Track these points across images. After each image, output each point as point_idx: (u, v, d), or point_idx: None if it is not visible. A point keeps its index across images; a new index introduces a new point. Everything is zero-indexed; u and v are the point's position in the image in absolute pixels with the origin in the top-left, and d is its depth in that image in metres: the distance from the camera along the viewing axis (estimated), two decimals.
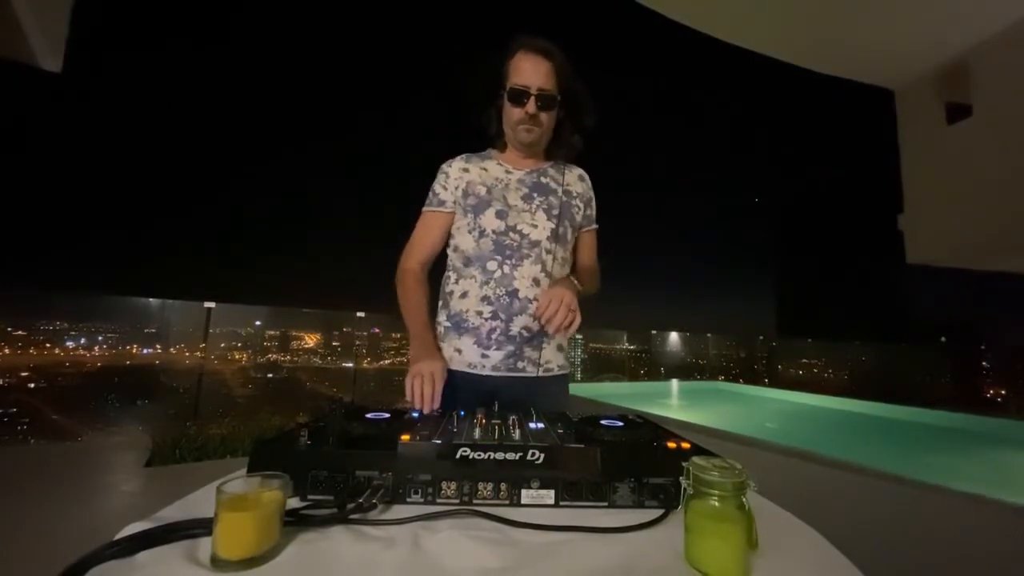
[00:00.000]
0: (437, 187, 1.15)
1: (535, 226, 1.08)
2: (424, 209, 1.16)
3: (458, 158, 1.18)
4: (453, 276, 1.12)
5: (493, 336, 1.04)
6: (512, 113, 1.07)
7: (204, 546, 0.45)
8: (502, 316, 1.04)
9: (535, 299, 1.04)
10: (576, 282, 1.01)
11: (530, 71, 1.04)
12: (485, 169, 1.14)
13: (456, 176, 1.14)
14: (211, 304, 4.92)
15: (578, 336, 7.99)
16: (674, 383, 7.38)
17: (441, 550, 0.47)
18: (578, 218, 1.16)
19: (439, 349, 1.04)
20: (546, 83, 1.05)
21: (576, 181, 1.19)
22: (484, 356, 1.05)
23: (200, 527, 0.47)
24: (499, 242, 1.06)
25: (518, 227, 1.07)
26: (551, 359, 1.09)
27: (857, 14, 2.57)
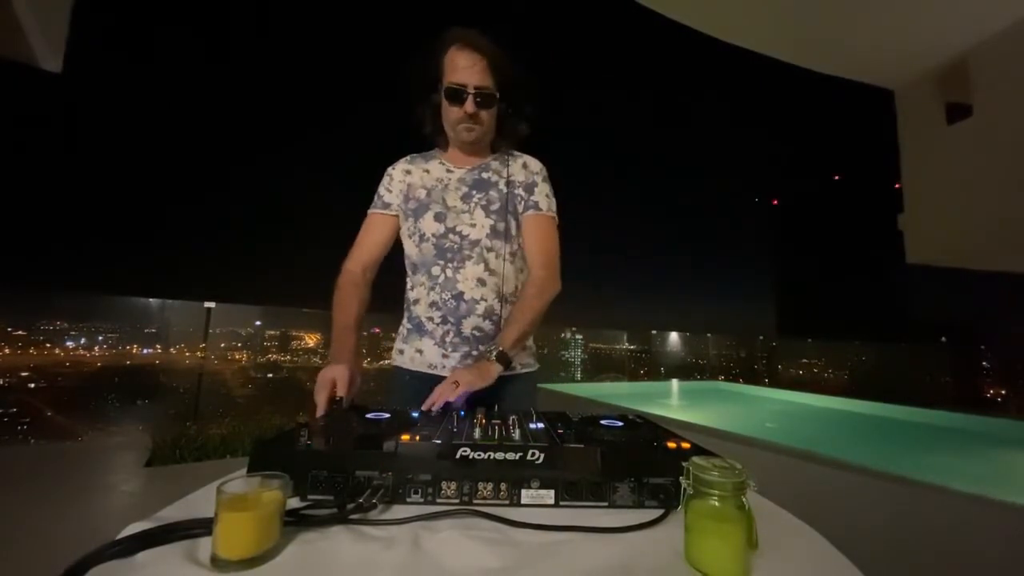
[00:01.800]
0: (382, 189, 1.15)
1: (473, 225, 1.07)
2: (369, 211, 1.15)
3: (402, 160, 1.17)
4: (408, 282, 1.13)
5: (448, 339, 1.05)
6: (450, 112, 1.05)
7: (204, 546, 0.45)
8: (451, 320, 1.04)
9: (482, 299, 1.05)
10: (500, 347, 0.96)
11: (466, 68, 1.02)
12: (427, 171, 1.14)
13: (399, 179, 1.14)
14: (211, 304, 4.91)
15: (578, 336, 7.99)
16: (674, 383, 7.38)
17: (441, 550, 0.47)
18: (520, 208, 1.12)
19: (351, 353, 0.97)
20: (483, 80, 1.02)
21: (520, 169, 1.14)
22: (444, 357, 1.06)
23: (200, 527, 0.47)
24: (440, 245, 1.06)
25: (457, 228, 1.07)
26: (514, 359, 1.04)
27: (857, 14, 2.57)
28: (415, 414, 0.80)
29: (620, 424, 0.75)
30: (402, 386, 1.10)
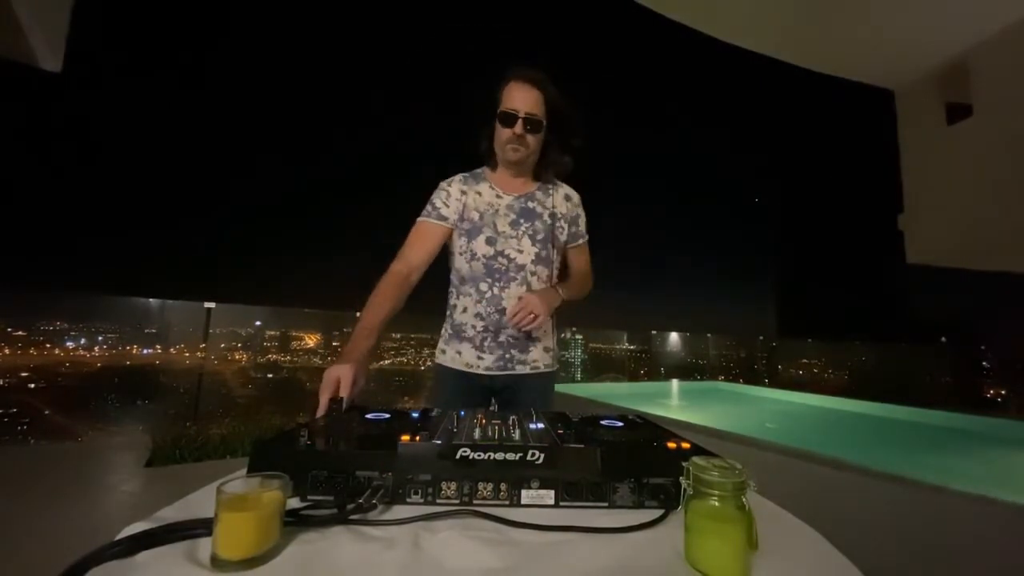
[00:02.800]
0: (437, 201, 1.23)
1: (521, 251, 1.20)
2: (420, 219, 1.22)
3: (456, 178, 1.26)
4: (454, 292, 1.27)
5: (485, 344, 1.20)
6: (502, 133, 1.18)
7: (204, 546, 0.45)
8: (492, 329, 1.19)
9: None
10: (560, 290, 1.19)
11: (519, 98, 1.16)
12: (479, 193, 1.24)
13: (456, 196, 1.24)
14: (211, 304, 4.91)
15: (578, 336, 7.99)
16: (674, 383, 7.37)
17: (441, 550, 0.47)
18: (562, 238, 1.28)
19: (361, 354, 0.96)
20: (534, 108, 1.16)
21: (562, 202, 1.28)
22: (479, 358, 1.20)
23: (200, 527, 0.47)
24: (489, 265, 1.19)
25: (506, 252, 1.20)
26: (538, 359, 1.24)
27: (857, 14, 2.57)
28: (415, 414, 0.81)
29: (620, 424, 0.75)
30: (443, 380, 1.24)
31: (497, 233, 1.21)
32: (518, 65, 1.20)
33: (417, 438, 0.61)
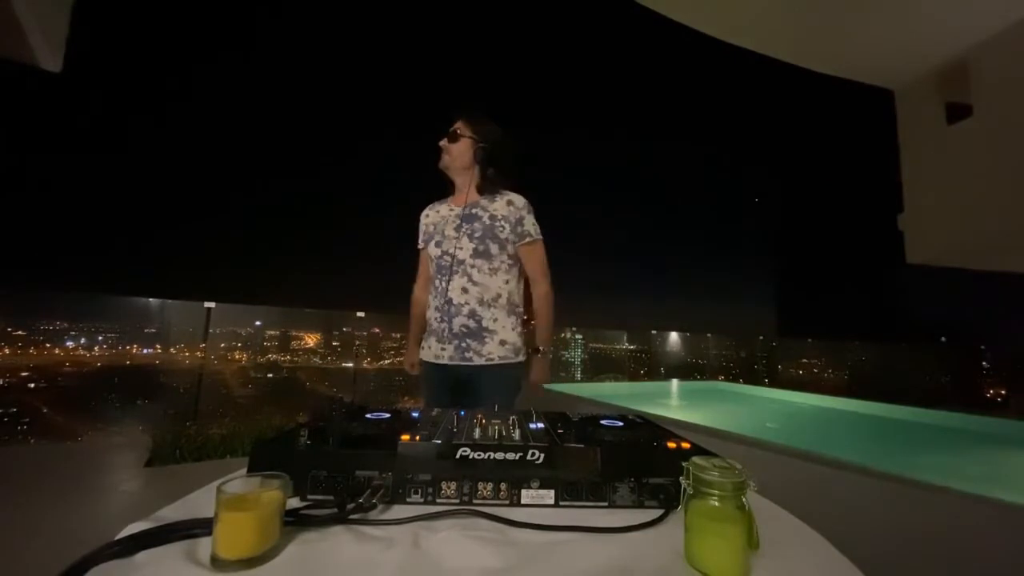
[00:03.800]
0: (420, 231, 1.60)
1: (461, 248, 1.43)
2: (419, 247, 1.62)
3: (429, 206, 1.60)
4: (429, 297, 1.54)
5: (444, 334, 1.41)
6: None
7: (204, 546, 0.45)
8: (445, 319, 1.41)
9: (465, 303, 1.39)
10: (540, 348, 1.47)
11: (454, 123, 1.49)
12: (438, 211, 1.55)
13: (423, 220, 1.60)
14: (211, 304, 4.91)
15: (578, 336, 7.98)
16: (674, 383, 7.37)
17: (441, 550, 0.47)
18: (502, 235, 1.44)
19: (414, 352, 1.56)
20: (459, 128, 1.47)
21: (503, 206, 1.46)
22: (442, 349, 1.41)
23: (200, 527, 0.47)
24: (439, 264, 1.46)
25: (450, 251, 1.44)
26: (493, 351, 1.38)
27: (857, 14, 2.57)
28: (415, 414, 0.80)
29: (620, 424, 0.75)
30: (423, 373, 1.51)
31: (444, 237, 1.47)
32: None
33: (417, 438, 0.61)
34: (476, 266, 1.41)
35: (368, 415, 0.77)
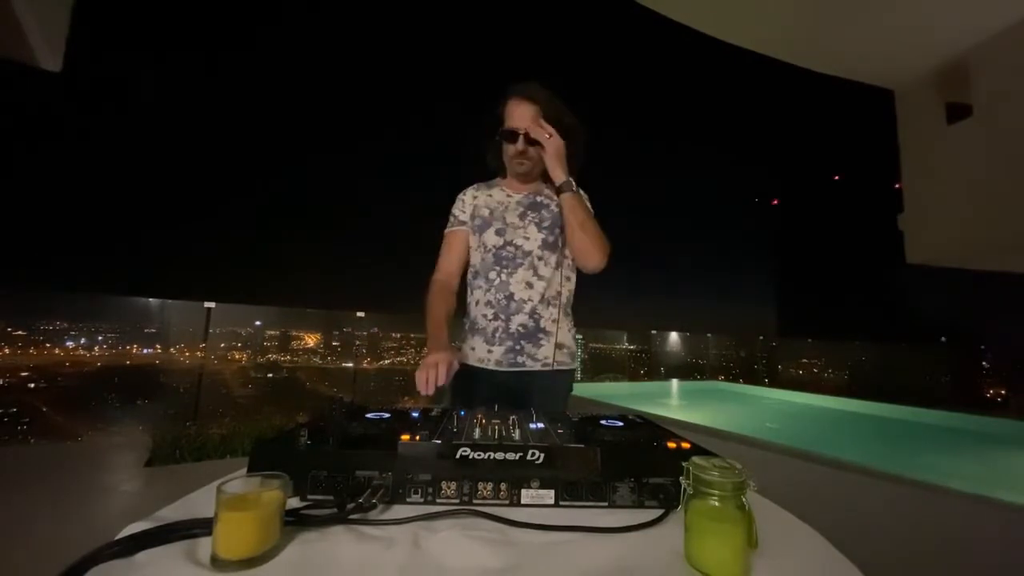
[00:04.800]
0: (455, 211, 1.36)
1: (527, 238, 1.27)
2: (446, 231, 1.36)
3: (471, 187, 1.39)
4: (469, 289, 1.33)
5: (496, 334, 1.23)
6: (507, 150, 1.27)
7: (204, 546, 0.45)
8: (501, 316, 1.23)
9: (529, 299, 1.23)
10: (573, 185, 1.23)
11: (518, 115, 1.23)
12: (490, 195, 1.35)
13: (469, 202, 1.35)
14: (211, 304, 4.91)
15: (578, 336, 7.98)
16: (674, 383, 7.38)
17: (441, 550, 0.47)
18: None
19: (450, 344, 1.17)
20: (533, 123, 1.23)
21: None
22: (489, 351, 1.23)
23: (200, 527, 0.47)
24: (498, 255, 1.26)
25: (514, 241, 1.27)
26: (548, 355, 1.24)
27: (857, 14, 2.57)
28: (415, 414, 0.81)
29: (620, 424, 0.75)
30: (460, 378, 1.23)
31: (506, 225, 1.28)
32: (516, 82, 1.26)
33: (417, 438, 0.61)
34: (543, 258, 1.26)
35: (368, 415, 0.77)
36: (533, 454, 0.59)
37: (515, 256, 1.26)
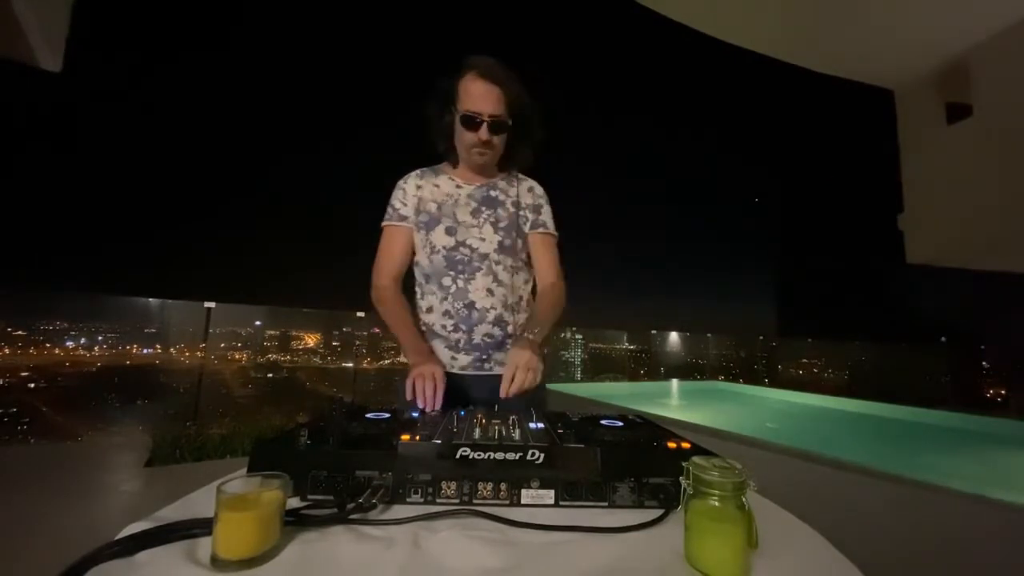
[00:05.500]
0: (396, 202, 1.18)
1: (483, 239, 1.13)
2: (384, 224, 1.18)
3: (412, 174, 1.21)
4: (419, 291, 1.18)
5: (460, 344, 1.11)
6: (465, 137, 1.09)
7: (204, 546, 0.45)
8: (463, 327, 1.10)
9: (492, 307, 1.11)
10: (532, 334, 1.03)
11: (481, 97, 1.06)
12: (437, 185, 1.18)
13: (412, 192, 1.18)
14: (211, 304, 4.91)
15: (578, 336, 7.99)
16: (674, 383, 7.37)
17: (441, 550, 0.47)
18: (526, 228, 1.20)
19: (429, 352, 1.07)
20: (497, 108, 1.07)
21: (525, 192, 1.22)
22: (453, 359, 1.12)
23: (200, 527, 0.47)
24: (450, 257, 1.12)
25: (467, 242, 1.13)
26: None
27: (857, 14, 2.57)
28: (415, 414, 0.80)
29: (620, 424, 0.75)
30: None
31: (457, 223, 1.13)
32: (475, 55, 1.08)
33: (417, 438, 0.61)
34: (501, 262, 1.13)
35: (368, 415, 0.77)
36: (533, 454, 0.59)
37: (471, 259, 1.12)
